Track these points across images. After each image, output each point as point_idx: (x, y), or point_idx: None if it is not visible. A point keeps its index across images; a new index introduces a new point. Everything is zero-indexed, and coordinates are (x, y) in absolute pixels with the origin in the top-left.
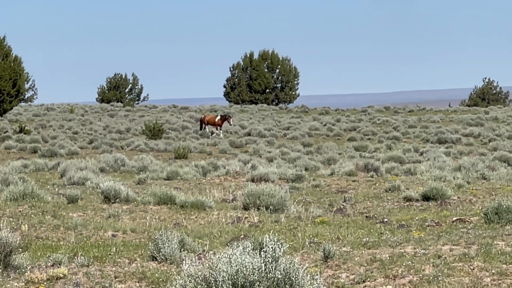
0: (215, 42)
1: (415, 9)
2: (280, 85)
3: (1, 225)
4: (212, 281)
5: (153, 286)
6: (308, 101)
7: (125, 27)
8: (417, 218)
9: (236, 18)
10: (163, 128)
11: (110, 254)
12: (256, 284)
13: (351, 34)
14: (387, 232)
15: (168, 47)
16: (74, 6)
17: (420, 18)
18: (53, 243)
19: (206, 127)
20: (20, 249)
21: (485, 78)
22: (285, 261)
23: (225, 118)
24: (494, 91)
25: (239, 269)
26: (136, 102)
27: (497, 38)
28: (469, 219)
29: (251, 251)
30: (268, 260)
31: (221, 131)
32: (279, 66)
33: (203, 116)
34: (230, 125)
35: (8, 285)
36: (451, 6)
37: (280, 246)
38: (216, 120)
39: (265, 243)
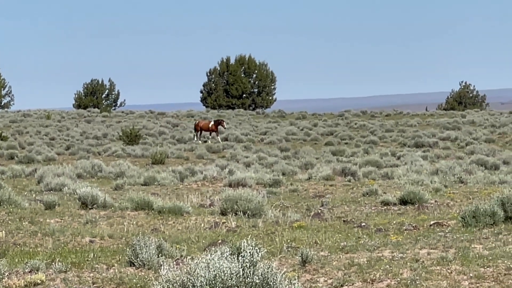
0: (191, 47)
1: (390, 13)
2: (257, 90)
3: None
4: (190, 286)
5: None
6: (285, 105)
7: (101, 32)
8: (394, 222)
9: (212, 23)
10: (140, 133)
11: (87, 260)
12: None
13: (327, 39)
14: (364, 236)
15: (145, 52)
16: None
17: (396, 22)
18: (31, 249)
19: (199, 133)
20: None
21: (462, 82)
22: (263, 265)
23: (218, 123)
24: (471, 95)
25: (217, 274)
26: (113, 108)
27: (474, 42)
28: (446, 223)
29: (229, 256)
30: (246, 265)
31: (218, 136)
32: (256, 71)
33: (196, 122)
34: (225, 128)
35: None
36: (427, 11)
37: (258, 251)
38: (210, 125)
39: (243, 248)
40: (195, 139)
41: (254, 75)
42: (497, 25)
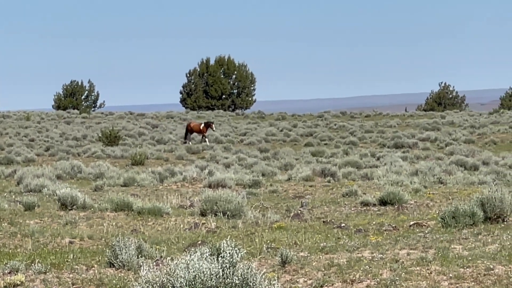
0: (171, 48)
1: (369, 15)
2: (236, 91)
3: None
4: (170, 287)
5: None
6: (265, 106)
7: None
8: (374, 222)
9: (191, 24)
10: (120, 134)
11: (67, 261)
12: None
13: (307, 40)
14: (344, 237)
15: (124, 54)
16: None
17: (375, 24)
18: (10, 251)
19: (190, 134)
20: None
21: (441, 83)
22: (243, 266)
23: (208, 125)
24: (450, 96)
25: (197, 275)
26: (93, 109)
27: (454, 44)
28: (426, 223)
29: (208, 256)
30: (226, 266)
31: (206, 138)
32: (235, 72)
33: (188, 123)
34: (213, 131)
35: None
36: (406, 13)
37: (237, 251)
38: (201, 127)
39: (222, 249)
40: (186, 142)
41: (234, 76)
42: (476, 27)
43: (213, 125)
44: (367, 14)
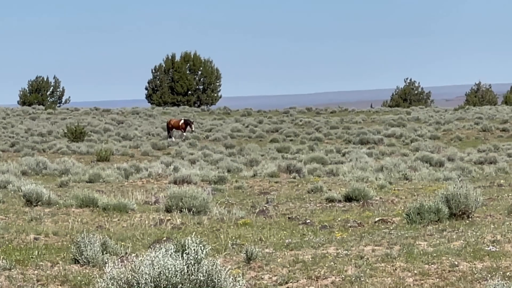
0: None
1: (334, 11)
2: (202, 87)
3: None
4: (135, 284)
5: None
6: (230, 102)
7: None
8: (339, 219)
9: (157, 20)
10: (85, 130)
11: (32, 257)
12: (178, 286)
13: (271, 36)
14: (309, 233)
15: (89, 49)
16: None
17: (339, 19)
18: None
19: (171, 131)
20: None
21: (407, 79)
22: (208, 263)
23: (187, 123)
24: (416, 92)
25: (162, 272)
26: (58, 105)
27: (418, 40)
28: (391, 220)
29: (173, 253)
30: (191, 262)
31: (184, 135)
32: (201, 68)
33: (168, 120)
34: (192, 131)
35: None
36: (369, 9)
37: (202, 248)
38: (180, 124)
39: (187, 245)
40: (170, 138)
41: (199, 72)
42: (441, 23)
43: (193, 125)
44: (333, 10)
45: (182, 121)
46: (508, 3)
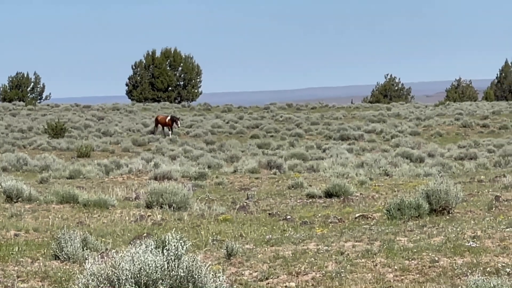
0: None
1: (315, 6)
2: (182, 83)
3: None
4: (115, 280)
5: (56, 285)
6: (211, 98)
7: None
8: (320, 214)
9: (137, 16)
10: (66, 127)
11: (12, 253)
12: (159, 282)
13: (253, 31)
14: (290, 229)
15: (69, 45)
16: None
17: (320, 15)
18: None
19: (159, 127)
20: None
21: (387, 75)
22: (188, 259)
23: (173, 119)
24: (396, 88)
25: (142, 268)
26: (38, 101)
27: (399, 36)
28: (371, 216)
29: (153, 249)
30: (171, 258)
31: (170, 132)
32: (181, 64)
33: (156, 116)
34: (178, 127)
35: None
36: (351, 4)
37: (183, 244)
38: (167, 120)
39: (167, 241)
40: (159, 134)
41: (180, 68)
42: (421, 20)
43: (179, 122)
44: (312, 5)
45: (169, 117)
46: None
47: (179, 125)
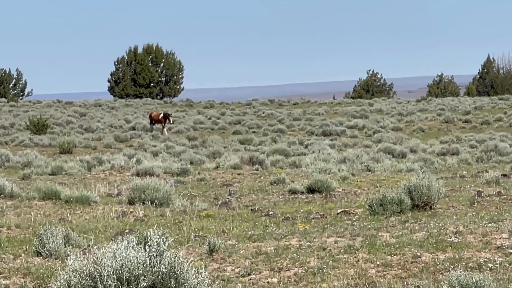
0: (98, 36)
1: (299, 2)
2: (164, 79)
3: None
4: (97, 276)
5: (38, 281)
6: (193, 94)
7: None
8: (302, 210)
9: (119, 11)
10: (48, 123)
11: None
12: (141, 278)
13: (235, 28)
14: (272, 225)
15: (51, 41)
16: None
17: (299, 12)
18: None
19: (153, 124)
20: None
21: (369, 70)
22: (170, 255)
23: (166, 116)
24: (378, 83)
25: (124, 264)
26: (20, 98)
27: (381, 31)
28: (354, 211)
29: (135, 245)
30: (153, 254)
31: (164, 129)
32: (163, 60)
33: (150, 113)
34: (171, 123)
35: None
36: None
37: (165, 240)
38: (160, 117)
39: (149, 237)
40: (151, 132)
41: (162, 64)
42: (403, 15)
43: (171, 118)
44: (295, 3)
45: (162, 114)
46: None
47: (171, 122)
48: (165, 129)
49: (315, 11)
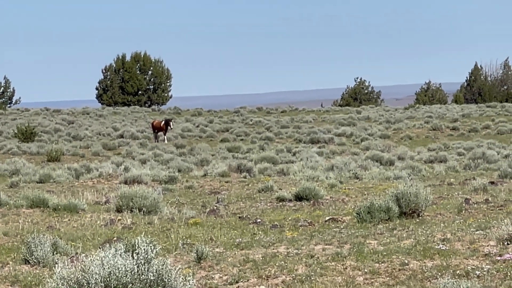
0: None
1: (283, 10)
2: (152, 87)
3: None
4: (85, 284)
5: None
6: (181, 102)
7: None
8: (290, 218)
9: (107, 19)
10: (36, 131)
11: None
12: (129, 286)
13: (223, 35)
14: (260, 232)
15: (39, 49)
16: None
17: (288, 19)
18: None
19: (155, 133)
20: None
21: (357, 78)
22: (158, 262)
23: (167, 122)
24: (366, 91)
25: (112, 271)
26: (8, 105)
27: (368, 39)
28: (341, 219)
29: (123, 253)
30: (141, 262)
31: (165, 136)
32: (151, 68)
33: (151, 122)
34: (171, 128)
35: None
36: (319, 8)
37: (152, 247)
38: (161, 125)
39: (137, 245)
40: (155, 140)
41: (150, 72)
42: (391, 23)
43: (171, 123)
44: (281, 9)
45: (163, 122)
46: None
47: (171, 127)
48: (165, 136)
49: (303, 19)
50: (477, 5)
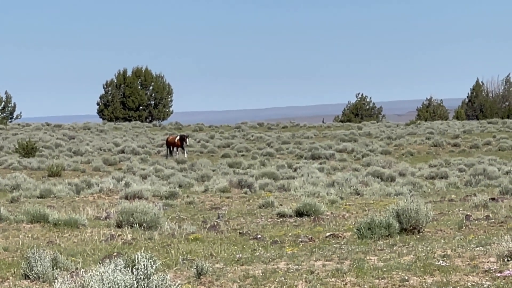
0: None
1: (285, 26)
2: (153, 102)
3: None
4: None
5: None
6: (182, 117)
7: None
8: (290, 234)
9: (108, 35)
10: (37, 146)
11: None
12: None
13: (222, 51)
14: (260, 248)
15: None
16: None
17: (290, 33)
18: None
19: (170, 149)
20: None
21: (358, 94)
22: (158, 278)
23: (182, 138)
24: (367, 107)
25: (111, 287)
26: (9, 120)
27: (370, 55)
28: (342, 235)
29: (123, 268)
30: (140, 277)
31: (183, 151)
32: (152, 83)
33: (167, 137)
34: (187, 144)
35: None
36: (320, 23)
37: (152, 263)
38: (176, 140)
39: (137, 260)
40: (168, 156)
41: (151, 87)
42: (392, 39)
43: (187, 139)
44: (281, 25)
45: (178, 137)
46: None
47: (187, 143)
48: (185, 151)
49: (303, 35)
50: (480, 21)
